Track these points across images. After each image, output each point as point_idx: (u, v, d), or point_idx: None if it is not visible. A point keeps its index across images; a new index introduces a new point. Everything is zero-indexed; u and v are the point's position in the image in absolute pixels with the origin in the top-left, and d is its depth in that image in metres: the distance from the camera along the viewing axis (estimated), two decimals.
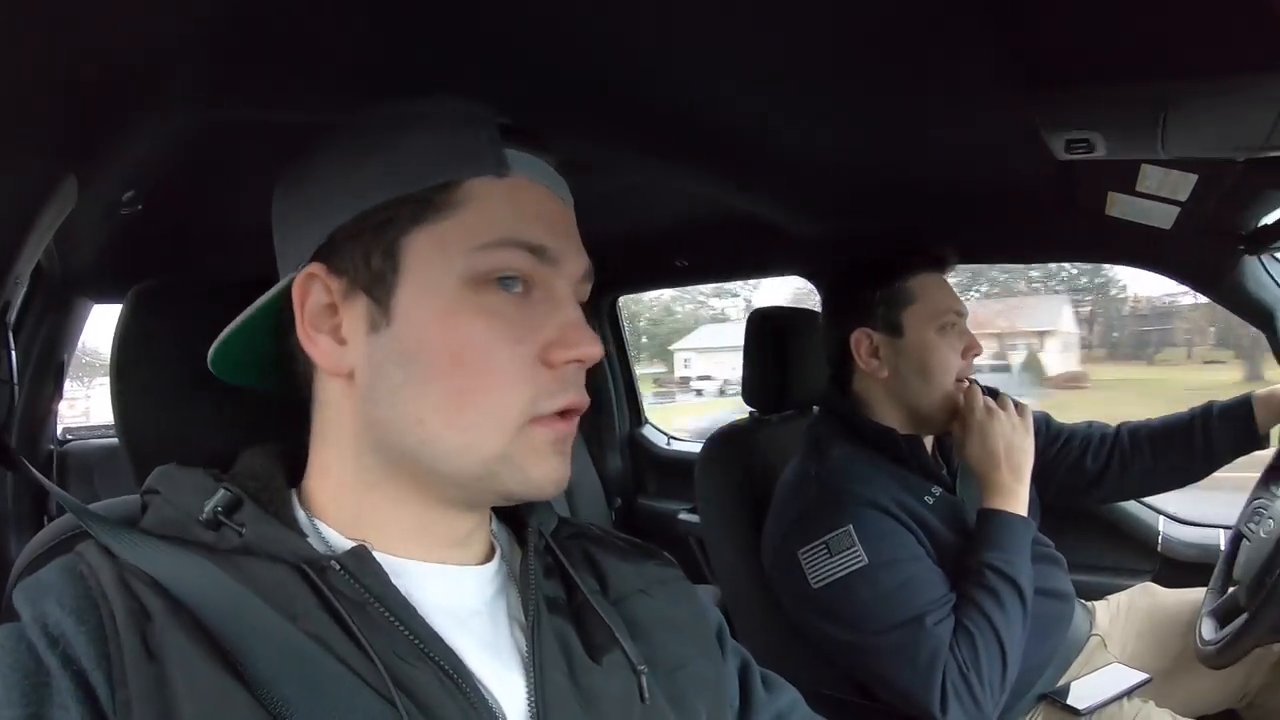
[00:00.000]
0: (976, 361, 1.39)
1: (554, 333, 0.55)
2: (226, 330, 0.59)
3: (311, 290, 0.57)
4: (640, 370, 3.16)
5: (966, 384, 1.32)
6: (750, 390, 1.61)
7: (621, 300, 3.00)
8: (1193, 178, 1.20)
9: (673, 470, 2.82)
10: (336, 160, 0.58)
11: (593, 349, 0.55)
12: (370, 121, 0.59)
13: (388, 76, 0.91)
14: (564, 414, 0.56)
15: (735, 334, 1.66)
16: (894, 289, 1.33)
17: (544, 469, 0.55)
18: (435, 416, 0.54)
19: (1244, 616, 1.06)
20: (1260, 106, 0.84)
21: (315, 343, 0.57)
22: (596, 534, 0.72)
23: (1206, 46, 0.79)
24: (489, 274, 0.54)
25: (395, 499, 0.57)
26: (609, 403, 2.89)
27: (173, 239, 1.69)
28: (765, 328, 1.61)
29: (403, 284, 0.55)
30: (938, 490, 1.29)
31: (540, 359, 0.54)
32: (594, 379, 2.87)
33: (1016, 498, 1.23)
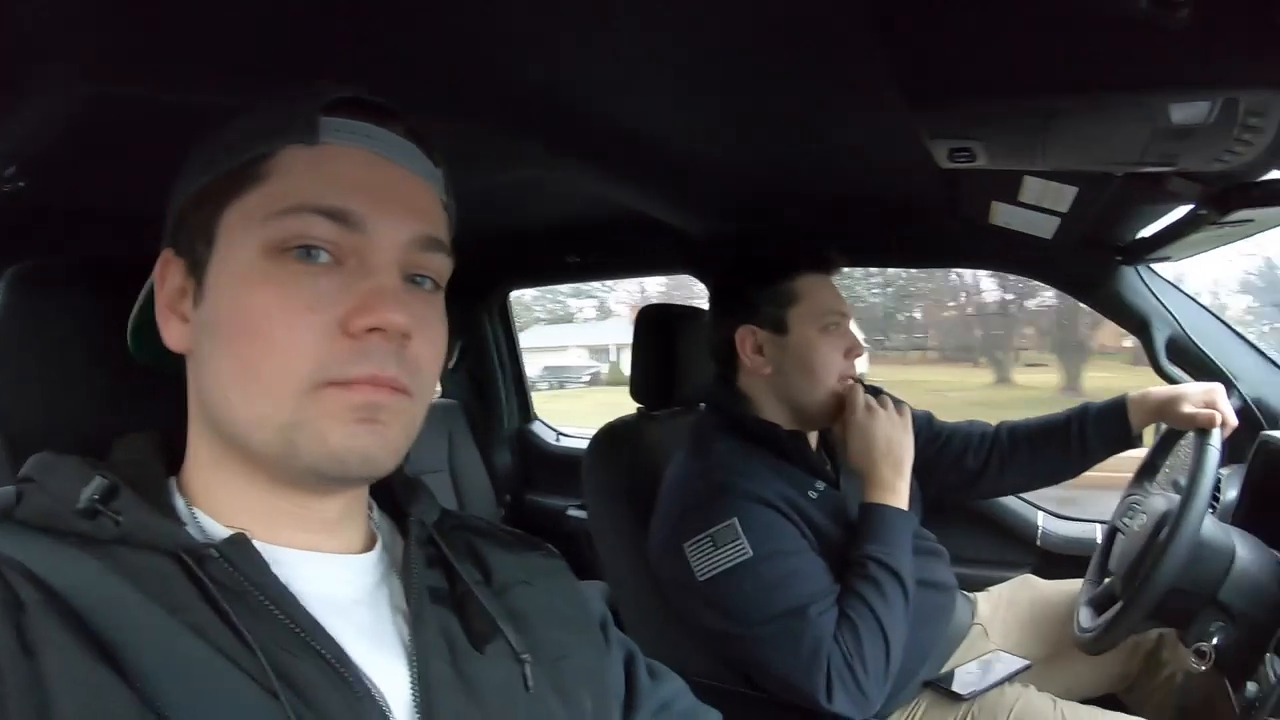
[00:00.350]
0: None
1: (355, 300, 0.52)
2: (131, 319, 0.60)
3: (168, 273, 0.57)
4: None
5: (850, 383, 1.33)
6: (638, 386, 1.59)
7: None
8: (1072, 190, 1.21)
9: (561, 466, 2.77)
10: (195, 145, 0.58)
11: (394, 316, 0.51)
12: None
13: (274, 62, 0.89)
14: (373, 384, 0.52)
15: (576, 334, 1.61)
16: (779, 288, 1.33)
17: (343, 436, 0.51)
18: (232, 389, 0.53)
19: (1118, 605, 1.10)
20: (1137, 123, 0.85)
21: (167, 323, 0.57)
22: (480, 525, 0.71)
23: (1088, 64, 0.79)
24: (285, 242, 0.52)
25: (239, 479, 0.56)
26: (497, 398, 2.85)
27: (57, 219, 1.56)
28: (654, 324, 1.60)
29: (213, 258, 0.54)
30: (821, 485, 1.30)
31: (340, 328, 0.51)
32: (482, 374, 2.82)
33: (897, 492, 1.25)
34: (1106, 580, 1.25)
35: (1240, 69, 0.73)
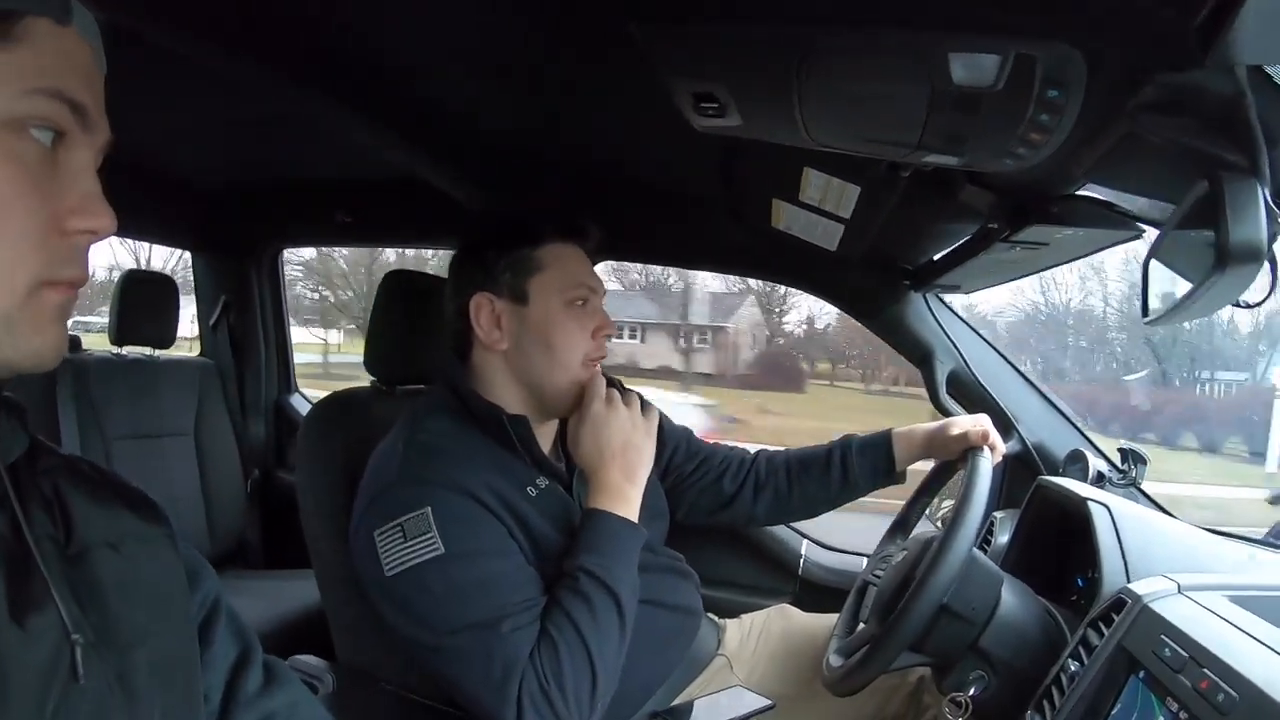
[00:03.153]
0: None
1: (75, 200, 0.52)
2: None
3: None
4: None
5: (595, 368, 1.24)
6: (373, 358, 1.47)
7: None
8: (855, 190, 1.09)
9: None
10: None
11: (109, 223, 0.53)
12: None
13: None
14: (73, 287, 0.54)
15: None
16: (522, 254, 1.22)
17: (49, 336, 0.52)
18: None
19: (867, 646, 1.05)
20: (911, 80, 0.66)
21: None
22: (85, 471, 0.64)
23: None
24: (26, 119, 0.50)
25: None
26: (257, 365, 2.63)
27: None
28: (396, 292, 1.49)
29: None
30: (544, 482, 1.19)
31: (55, 224, 0.52)
32: (243, 336, 2.58)
33: (626, 500, 1.15)
34: (860, 627, 1.21)
35: (1034, 14, 0.60)
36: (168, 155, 1.93)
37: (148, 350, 2.26)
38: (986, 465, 1.13)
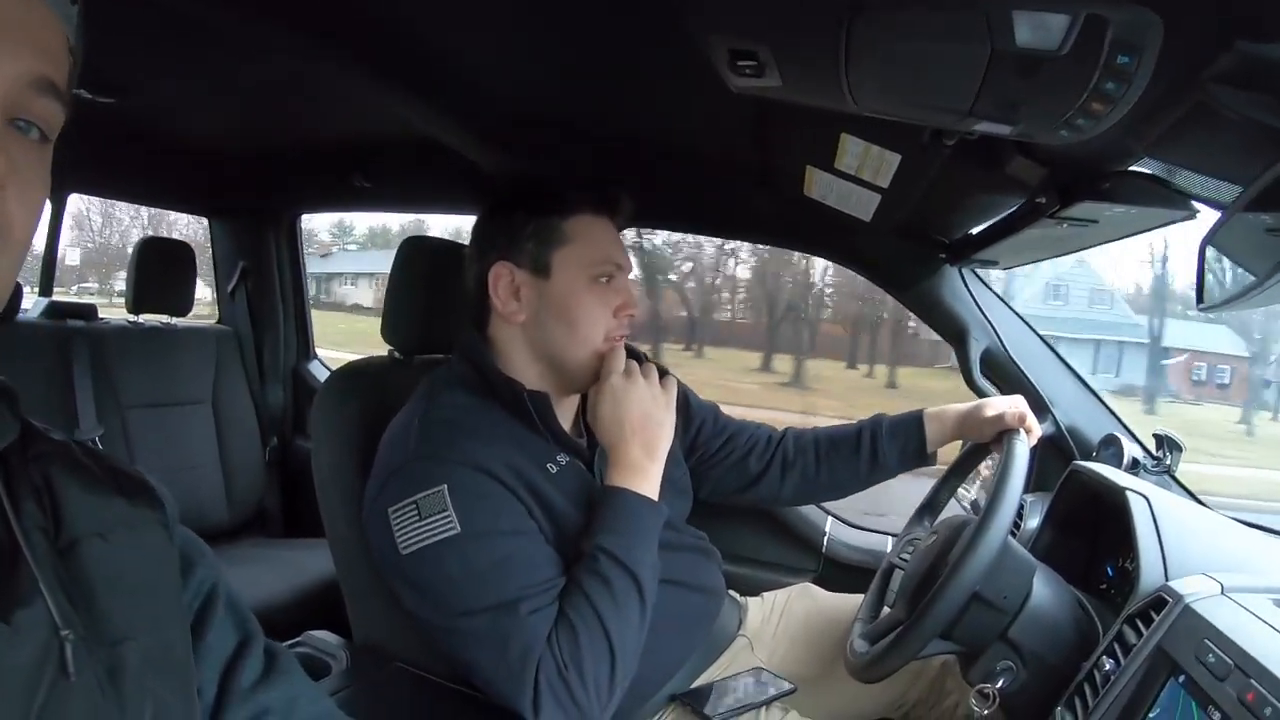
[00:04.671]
0: None
1: None
2: None
3: None
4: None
5: (616, 343, 1.19)
6: (390, 327, 1.43)
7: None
8: (895, 158, 1.03)
9: None
10: None
11: None
12: None
13: None
14: None
15: None
16: (549, 223, 1.16)
17: None
18: None
19: (895, 632, 1.02)
20: (970, 40, 0.60)
21: None
22: (77, 457, 0.60)
23: None
24: None
25: None
26: (275, 332, 2.61)
27: None
28: (414, 259, 1.44)
29: None
30: (565, 459, 1.16)
31: None
32: (261, 303, 2.57)
33: (646, 476, 1.12)
34: (885, 611, 1.17)
35: None
36: (183, 121, 1.90)
37: (165, 318, 2.26)
38: (1023, 449, 1.08)
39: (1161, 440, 1.33)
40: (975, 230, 1.29)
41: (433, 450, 1.07)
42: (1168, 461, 1.32)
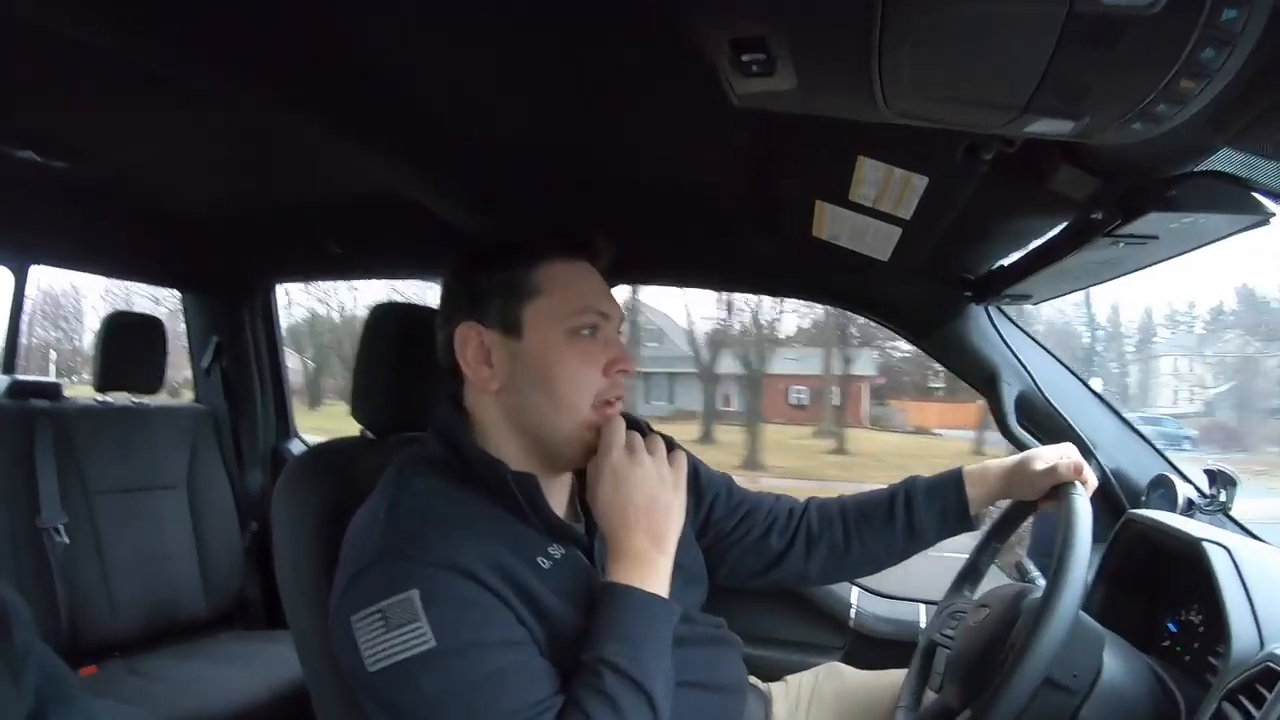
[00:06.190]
0: None
1: None
2: None
3: None
4: None
5: (610, 411, 1.05)
6: (359, 403, 1.32)
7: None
8: (923, 182, 0.93)
9: None
10: None
11: None
12: None
13: None
14: None
15: None
16: (515, 275, 1.03)
17: None
18: None
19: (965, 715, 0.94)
20: (1043, 6, 0.50)
21: None
22: None
23: None
24: None
25: None
26: (252, 410, 2.55)
27: None
28: (385, 326, 1.33)
29: None
30: (558, 551, 1.01)
31: None
32: (238, 380, 2.48)
33: (654, 570, 0.99)
34: (933, 696, 1.07)
35: None
36: (147, 186, 1.83)
37: (136, 397, 2.17)
38: (1085, 505, 0.98)
39: (1214, 476, 1.24)
40: (1007, 261, 1.20)
41: (401, 548, 0.94)
42: (1222, 498, 1.23)
